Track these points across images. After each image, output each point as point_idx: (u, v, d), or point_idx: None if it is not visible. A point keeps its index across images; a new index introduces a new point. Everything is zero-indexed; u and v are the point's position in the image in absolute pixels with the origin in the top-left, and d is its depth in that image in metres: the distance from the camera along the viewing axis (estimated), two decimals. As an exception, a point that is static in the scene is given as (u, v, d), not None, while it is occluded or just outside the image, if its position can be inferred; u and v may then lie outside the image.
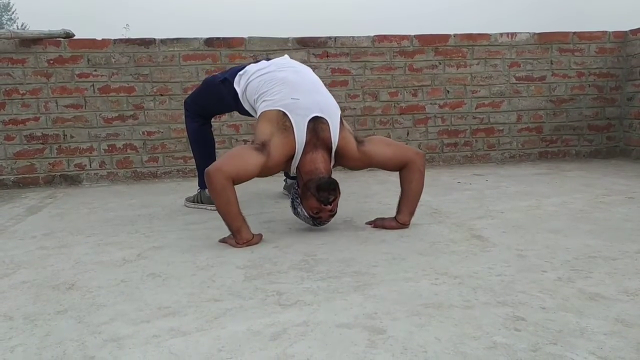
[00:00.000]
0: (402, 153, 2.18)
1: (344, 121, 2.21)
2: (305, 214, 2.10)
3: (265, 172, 2.05)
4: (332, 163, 2.15)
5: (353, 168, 2.25)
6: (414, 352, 1.13)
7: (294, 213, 2.19)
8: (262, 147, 2.02)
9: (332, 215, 2.12)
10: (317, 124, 2.07)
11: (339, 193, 2.07)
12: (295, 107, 2.08)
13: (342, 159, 2.16)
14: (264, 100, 2.16)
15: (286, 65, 2.31)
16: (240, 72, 2.36)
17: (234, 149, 2.07)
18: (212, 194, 1.97)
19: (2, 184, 3.65)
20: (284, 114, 2.06)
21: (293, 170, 2.15)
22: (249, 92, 2.27)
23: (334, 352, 1.14)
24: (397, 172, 2.21)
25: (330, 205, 2.03)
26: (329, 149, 2.10)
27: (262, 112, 2.13)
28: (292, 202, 2.18)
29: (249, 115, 2.39)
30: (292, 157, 2.07)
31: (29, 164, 3.68)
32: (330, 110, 2.14)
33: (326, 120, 2.09)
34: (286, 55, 2.52)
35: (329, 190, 2.00)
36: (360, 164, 2.19)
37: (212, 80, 2.56)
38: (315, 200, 2.01)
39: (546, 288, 1.48)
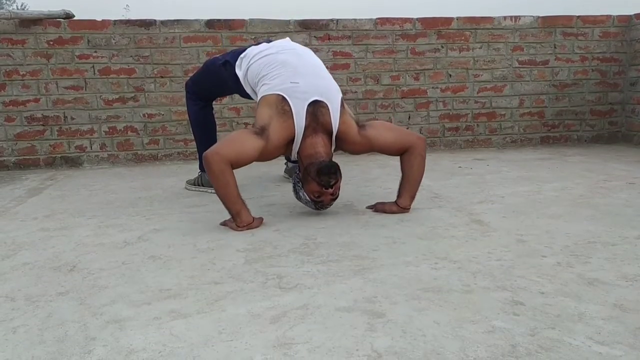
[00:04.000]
0: (403, 138, 2.18)
1: (345, 105, 2.19)
2: (307, 198, 2.10)
3: (264, 156, 2.05)
4: (333, 147, 2.15)
5: (354, 152, 2.24)
6: (413, 335, 1.13)
7: (296, 197, 2.19)
8: (262, 131, 2.01)
9: (334, 199, 2.12)
10: (316, 108, 2.06)
11: (340, 176, 2.07)
12: (295, 91, 2.07)
13: (343, 143, 2.15)
14: (263, 84, 2.14)
15: (287, 48, 2.29)
16: (242, 55, 2.34)
17: (233, 132, 2.07)
18: (210, 178, 1.97)
19: (2, 166, 3.65)
20: (283, 98, 2.05)
21: (294, 155, 2.14)
22: (250, 75, 2.25)
23: (333, 335, 1.14)
24: (398, 157, 2.21)
25: (332, 188, 2.03)
26: (330, 133, 2.09)
27: (261, 96, 2.12)
28: (294, 187, 2.18)
29: (251, 98, 2.38)
30: (291, 141, 2.07)
31: (29, 146, 3.67)
32: (331, 93, 2.13)
33: (326, 104, 2.08)
34: (287, 38, 2.50)
35: (329, 174, 2.00)
36: (361, 148, 2.19)
37: (213, 62, 2.54)
38: (316, 184, 2.01)
39: (545, 273, 1.48)
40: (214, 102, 2.78)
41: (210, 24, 3.74)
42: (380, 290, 1.38)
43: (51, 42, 3.59)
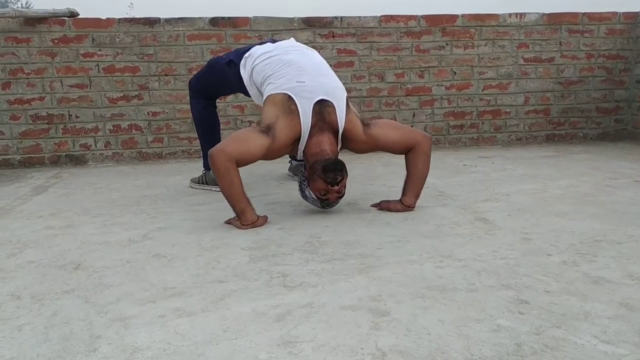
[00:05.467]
0: (408, 136, 2.18)
1: (350, 104, 2.19)
2: (313, 196, 2.10)
3: (270, 155, 2.05)
4: (339, 146, 2.15)
5: (359, 151, 2.24)
6: (417, 334, 1.13)
7: (302, 197, 2.19)
8: (268, 129, 2.01)
9: (340, 197, 2.12)
10: (323, 107, 2.06)
11: (346, 174, 2.07)
12: (301, 90, 2.07)
13: (349, 142, 2.15)
14: (269, 84, 2.14)
15: (292, 48, 2.29)
16: (246, 55, 2.34)
17: (239, 131, 2.08)
18: (215, 176, 1.98)
19: (8, 164, 3.67)
20: (290, 97, 2.05)
21: (300, 154, 2.14)
22: (255, 75, 2.25)
23: (338, 333, 1.14)
24: (403, 155, 2.20)
25: (338, 186, 2.03)
26: (336, 132, 2.09)
27: (267, 96, 2.12)
28: (300, 185, 2.18)
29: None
30: (297, 140, 2.07)
31: (34, 144, 3.68)
32: (337, 93, 2.13)
33: (332, 103, 2.08)
34: (292, 38, 2.50)
35: (335, 171, 2.00)
36: (367, 147, 2.19)
37: (217, 61, 2.54)
38: (322, 182, 2.01)
39: (551, 271, 1.48)
40: (217, 100, 2.78)
41: (215, 21, 3.74)
42: (384, 289, 1.38)
43: (56, 41, 3.59)
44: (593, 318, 1.19)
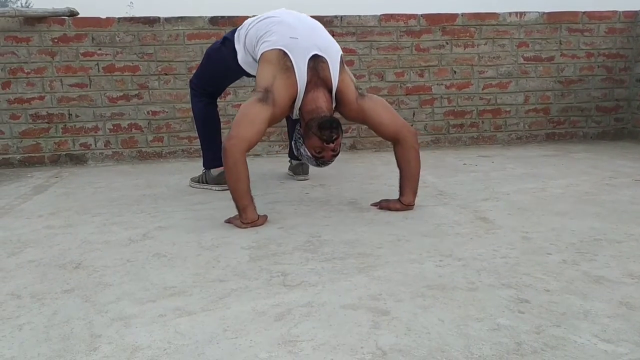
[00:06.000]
0: (397, 124, 2.16)
1: (345, 66, 2.20)
2: (308, 154, 2.10)
3: (273, 121, 2.07)
4: (334, 104, 2.14)
5: (347, 117, 2.23)
6: (417, 333, 1.13)
7: (297, 154, 2.21)
8: (266, 94, 2.01)
9: (335, 155, 2.11)
10: (317, 63, 2.07)
11: (342, 132, 2.06)
12: (295, 46, 2.07)
13: (340, 105, 2.15)
14: (263, 42, 2.14)
15: (284, 12, 2.31)
16: (239, 28, 2.37)
17: (241, 112, 2.01)
18: (225, 169, 1.99)
19: (8, 163, 3.66)
20: (285, 53, 2.05)
21: (296, 112, 2.14)
22: (249, 41, 2.26)
23: (338, 332, 1.14)
24: (385, 140, 2.20)
25: (333, 143, 2.02)
26: (330, 90, 2.10)
27: (261, 54, 2.12)
28: (295, 143, 2.18)
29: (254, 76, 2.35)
30: (295, 98, 2.07)
31: (34, 143, 3.68)
32: (331, 50, 2.14)
33: (326, 59, 2.08)
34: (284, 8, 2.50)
35: (331, 128, 1.99)
36: (355, 115, 2.18)
37: (212, 47, 2.59)
38: (317, 139, 2.01)
39: (551, 270, 1.48)
40: (218, 100, 2.78)
41: (214, 20, 3.74)
42: (384, 288, 1.38)
43: (56, 40, 3.59)
44: (593, 317, 1.19)
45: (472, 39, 4.02)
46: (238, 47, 2.34)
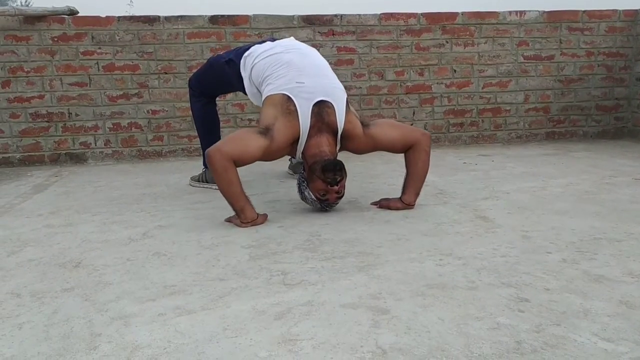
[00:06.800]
0: (408, 135, 2.17)
1: (350, 105, 2.19)
2: (312, 197, 2.09)
3: (268, 156, 2.05)
4: (338, 147, 2.14)
5: (359, 151, 2.23)
6: (417, 332, 1.13)
7: (301, 198, 2.19)
8: (266, 130, 2.01)
9: (340, 197, 2.12)
10: (322, 108, 2.06)
11: (345, 174, 2.06)
12: (300, 91, 2.06)
13: (348, 143, 2.15)
14: (268, 84, 2.14)
15: (292, 47, 2.28)
16: (245, 54, 2.33)
17: (237, 131, 2.08)
18: (213, 175, 1.98)
19: (8, 162, 3.66)
20: (288, 97, 2.05)
21: (298, 155, 2.14)
22: (255, 75, 2.25)
23: (338, 331, 1.14)
24: (403, 153, 2.20)
25: (337, 186, 2.03)
26: (335, 133, 2.09)
27: (266, 96, 2.12)
28: (299, 187, 2.17)
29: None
30: (296, 141, 2.07)
31: (34, 142, 3.68)
32: (336, 93, 2.13)
33: (331, 104, 2.08)
34: (292, 37, 2.50)
35: (334, 171, 2.00)
36: (367, 147, 2.18)
37: (216, 60, 2.54)
38: (321, 182, 2.01)
39: (550, 269, 1.48)
40: (217, 99, 2.78)
41: (214, 19, 3.73)
42: (384, 287, 1.38)
43: (55, 39, 3.59)
44: (593, 316, 1.19)
45: (472, 38, 4.02)
46: (244, 74, 2.32)
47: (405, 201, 2.17)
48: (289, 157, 3.03)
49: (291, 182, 2.79)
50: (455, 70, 4.05)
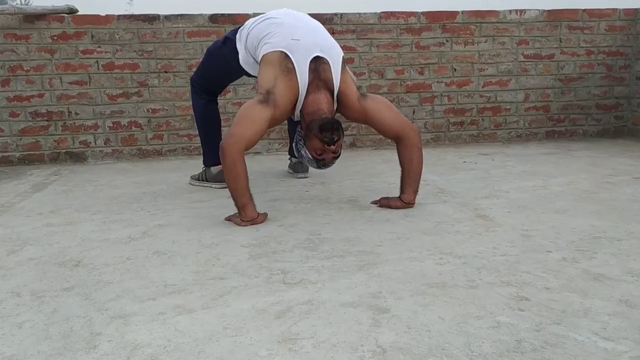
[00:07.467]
0: (400, 123, 2.17)
1: (347, 67, 2.19)
2: (309, 155, 2.09)
3: (274, 123, 2.07)
4: (335, 106, 2.14)
5: (349, 118, 2.23)
6: (417, 331, 1.13)
7: (298, 155, 2.20)
8: (267, 96, 2.01)
9: (336, 157, 2.11)
10: (318, 64, 2.06)
11: (342, 134, 2.06)
12: (297, 48, 2.06)
13: (342, 106, 2.15)
14: (264, 44, 2.14)
15: (286, 13, 2.30)
16: (240, 28, 2.37)
17: (241, 112, 2.03)
18: (223, 168, 1.98)
19: (7, 161, 3.66)
20: (286, 55, 2.05)
21: (297, 114, 2.13)
22: (250, 42, 2.25)
23: (338, 330, 1.14)
24: (389, 139, 2.19)
25: (334, 145, 2.02)
26: (331, 91, 2.09)
27: (263, 56, 2.11)
28: (296, 145, 2.17)
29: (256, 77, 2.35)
30: (297, 100, 2.07)
31: (34, 141, 3.68)
32: (332, 51, 2.13)
33: (327, 61, 2.08)
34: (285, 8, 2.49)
35: (332, 130, 1.98)
36: (357, 115, 2.18)
37: (214, 46, 2.58)
38: (318, 141, 2.00)
39: (550, 268, 1.48)
40: (218, 98, 2.78)
41: (214, 18, 3.73)
42: (384, 286, 1.38)
43: (55, 38, 3.58)
44: (593, 315, 1.19)
45: (472, 37, 4.01)
46: (239, 47, 2.33)
47: (404, 200, 2.17)
48: (289, 156, 3.04)
49: (291, 181, 2.79)
50: (455, 69, 4.05)
